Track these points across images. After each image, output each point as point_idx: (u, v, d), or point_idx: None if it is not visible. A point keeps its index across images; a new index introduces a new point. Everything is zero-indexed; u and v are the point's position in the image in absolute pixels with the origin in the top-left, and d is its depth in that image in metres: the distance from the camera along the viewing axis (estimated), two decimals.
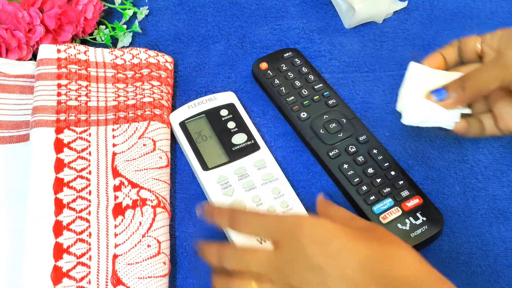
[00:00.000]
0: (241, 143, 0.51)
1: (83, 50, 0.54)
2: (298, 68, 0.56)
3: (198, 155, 0.50)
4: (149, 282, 0.43)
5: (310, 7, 0.64)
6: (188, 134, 0.51)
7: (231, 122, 0.52)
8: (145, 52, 0.56)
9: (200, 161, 0.50)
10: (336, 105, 0.54)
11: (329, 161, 0.50)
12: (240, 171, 0.49)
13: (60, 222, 0.45)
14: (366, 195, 0.48)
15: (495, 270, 0.46)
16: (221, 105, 0.53)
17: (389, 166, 0.49)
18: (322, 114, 0.53)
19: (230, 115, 0.52)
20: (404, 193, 0.48)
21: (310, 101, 0.54)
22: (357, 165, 0.49)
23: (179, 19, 0.63)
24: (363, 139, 0.51)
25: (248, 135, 0.51)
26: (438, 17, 0.63)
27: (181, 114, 0.52)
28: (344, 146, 0.51)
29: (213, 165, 0.49)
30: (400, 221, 0.47)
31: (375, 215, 0.47)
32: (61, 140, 0.49)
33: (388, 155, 0.50)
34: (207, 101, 0.53)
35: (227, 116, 0.52)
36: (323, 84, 0.55)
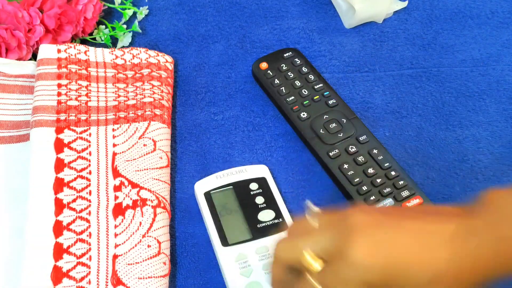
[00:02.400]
0: (268, 220, 0.47)
1: (83, 50, 0.54)
2: (298, 68, 0.56)
3: (219, 228, 0.47)
4: (149, 282, 0.42)
5: (310, 7, 0.64)
6: (212, 205, 0.48)
7: (259, 197, 0.48)
8: (146, 52, 0.56)
9: (220, 235, 0.46)
10: (336, 105, 0.54)
11: (329, 161, 0.50)
12: (262, 251, 0.45)
13: (60, 222, 0.45)
14: (366, 195, 0.48)
15: None
16: (251, 178, 0.49)
17: (390, 166, 0.49)
18: (322, 114, 0.53)
19: (260, 189, 0.49)
20: (405, 193, 0.48)
21: (310, 101, 0.54)
22: (357, 165, 0.49)
23: (179, 19, 0.63)
24: (363, 139, 0.51)
25: (276, 213, 0.48)
26: (438, 17, 0.63)
27: (207, 183, 0.49)
28: (344, 146, 0.51)
29: (233, 241, 0.46)
30: None
31: None
32: (61, 140, 0.49)
33: (389, 155, 0.50)
34: (237, 172, 0.50)
35: (257, 191, 0.49)
36: (323, 84, 0.55)
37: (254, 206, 0.48)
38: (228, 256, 0.45)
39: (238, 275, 0.44)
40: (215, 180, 0.49)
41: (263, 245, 0.46)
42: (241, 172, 0.50)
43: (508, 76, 0.58)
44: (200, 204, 0.49)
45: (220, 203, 0.48)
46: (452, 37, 0.61)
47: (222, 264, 0.45)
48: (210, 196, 0.48)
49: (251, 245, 0.46)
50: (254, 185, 0.49)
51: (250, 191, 0.49)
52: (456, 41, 0.61)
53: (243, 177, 0.49)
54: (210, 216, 0.47)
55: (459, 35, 0.61)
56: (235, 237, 0.46)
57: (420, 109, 0.56)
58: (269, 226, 0.47)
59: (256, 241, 0.46)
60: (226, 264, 0.45)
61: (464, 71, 0.58)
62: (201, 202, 0.48)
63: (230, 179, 0.49)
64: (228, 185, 0.49)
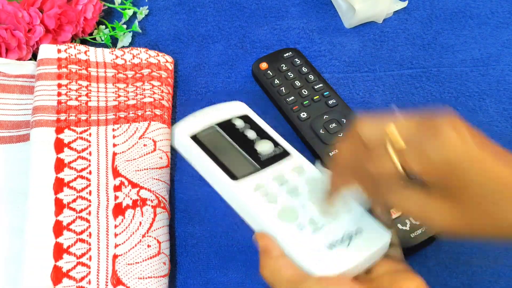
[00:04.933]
0: (268, 151, 0.43)
1: (84, 50, 0.54)
2: (298, 68, 0.56)
3: (221, 165, 0.41)
4: (149, 282, 0.42)
5: (310, 7, 0.64)
6: (204, 147, 0.42)
7: (250, 131, 0.44)
8: (146, 52, 0.56)
9: (226, 171, 0.40)
10: (336, 105, 0.54)
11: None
12: (279, 178, 0.41)
13: (60, 222, 0.45)
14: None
15: (495, 270, 0.46)
16: (234, 116, 0.45)
17: None
18: (322, 114, 0.53)
19: (248, 124, 0.44)
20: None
21: (310, 101, 0.54)
22: None
23: (179, 19, 0.63)
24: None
25: (274, 142, 0.43)
26: (439, 17, 0.63)
27: (188, 126, 0.43)
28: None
29: (243, 174, 0.40)
30: (400, 221, 0.46)
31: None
32: (61, 140, 0.49)
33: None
34: (215, 111, 0.45)
35: (244, 126, 0.44)
36: (323, 84, 0.55)
37: (248, 141, 0.43)
38: (244, 189, 0.39)
39: (265, 204, 0.39)
40: (196, 121, 0.44)
41: (278, 174, 0.41)
42: (219, 110, 0.45)
43: (508, 76, 0.58)
44: (186, 149, 0.42)
45: (211, 144, 0.42)
46: (452, 37, 0.61)
47: (241, 198, 0.39)
48: (198, 138, 0.42)
49: (265, 174, 0.41)
50: (239, 122, 0.44)
51: (237, 128, 0.44)
52: (456, 41, 0.61)
53: (225, 116, 0.45)
54: (206, 156, 0.41)
55: (459, 35, 0.61)
56: (243, 170, 0.41)
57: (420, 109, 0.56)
58: (273, 157, 0.42)
59: (268, 170, 0.41)
60: (246, 197, 0.39)
61: (464, 71, 0.58)
62: (189, 145, 0.42)
63: (212, 119, 0.44)
64: (212, 126, 0.43)
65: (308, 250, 0.36)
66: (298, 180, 0.41)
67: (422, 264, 0.46)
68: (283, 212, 0.38)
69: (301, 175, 0.41)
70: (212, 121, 0.44)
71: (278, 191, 0.40)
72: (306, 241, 0.37)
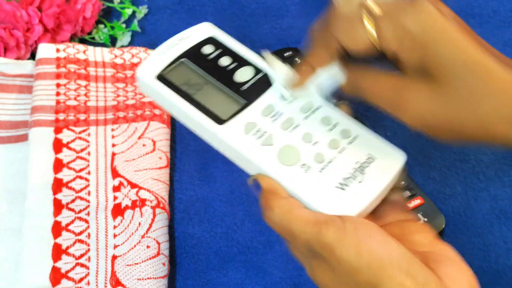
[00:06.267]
0: (250, 78, 0.37)
1: (83, 49, 0.54)
2: None
3: (201, 108, 0.35)
4: (149, 283, 0.42)
5: (310, 6, 0.64)
6: (175, 88, 0.36)
7: (224, 58, 0.38)
8: (145, 52, 0.56)
9: (209, 115, 0.35)
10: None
11: None
12: (269, 111, 0.35)
13: (59, 223, 0.45)
14: None
15: (496, 270, 0.46)
16: (199, 41, 0.39)
17: None
18: None
19: (219, 49, 0.38)
20: (406, 193, 0.48)
21: None
22: None
23: (178, 18, 0.63)
24: None
25: (254, 68, 0.38)
26: None
27: (152, 65, 0.37)
28: None
29: (229, 115, 0.35)
30: None
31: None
32: (60, 140, 0.48)
33: None
34: (179, 41, 0.39)
35: (214, 52, 0.38)
36: None
37: (224, 71, 0.37)
38: (234, 134, 0.35)
39: (260, 148, 0.34)
40: (160, 58, 0.38)
41: (266, 105, 0.36)
42: (183, 39, 0.39)
43: None
44: (155, 93, 0.37)
45: (183, 82, 0.37)
46: None
47: (232, 145, 0.35)
48: (165, 77, 0.37)
49: (253, 110, 0.36)
50: (209, 48, 0.38)
51: (206, 55, 0.38)
52: None
53: (190, 44, 0.38)
54: (180, 99, 0.36)
55: None
56: (227, 109, 0.36)
57: None
58: (257, 85, 0.37)
59: (255, 104, 0.36)
60: (238, 143, 0.34)
61: None
62: (158, 88, 0.36)
63: (176, 51, 0.38)
64: (178, 58, 0.38)
65: (319, 194, 0.32)
66: (291, 108, 0.36)
67: None
68: (283, 153, 0.34)
69: (293, 103, 0.36)
70: (178, 53, 0.38)
71: (273, 129, 0.35)
72: (315, 184, 0.33)
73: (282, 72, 0.37)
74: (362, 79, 0.33)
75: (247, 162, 0.35)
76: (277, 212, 0.31)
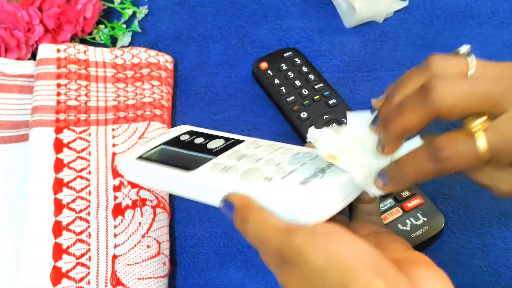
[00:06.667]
0: (220, 145, 0.39)
1: (83, 49, 0.54)
2: (298, 68, 0.56)
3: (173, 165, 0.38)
4: (149, 283, 0.42)
5: (310, 7, 0.64)
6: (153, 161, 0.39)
7: (199, 139, 0.41)
8: (145, 52, 0.56)
9: (178, 167, 0.37)
10: (337, 105, 0.54)
11: None
12: (235, 155, 0.37)
13: (59, 223, 0.45)
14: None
15: (496, 270, 0.46)
16: (179, 134, 0.42)
17: None
18: (322, 114, 0.53)
19: (195, 135, 0.42)
20: (405, 193, 0.48)
21: (310, 101, 0.54)
22: None
23: (178, 18, 0.63)
24: None
25: (225, 138, 0.40)
26: (439, 17, 0.63)
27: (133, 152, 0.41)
28: None
29: (196, 165, 0.37)
30: (401, 222, 0.46)
31: None
32: (60, 140, 0.48)
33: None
34: (158, 136, 0.43)
35: (191, 138, 0.41)
36: (323, 84, 0.55)
37: (198, 145, 0.40)
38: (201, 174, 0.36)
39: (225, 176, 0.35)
40: (141, 147, 0.41)
41: (233, 152, 0.37)
42: (163, 134, 0.43)
43: None
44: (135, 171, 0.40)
45: (160, 157, 0.40)
46: (452, 37, 0.61)
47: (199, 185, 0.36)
48: (145, 157, 0.40)
49: (220, 157, 0.37)
50: (185, 136, 0.42)
51: (184, 140, 0.41)
52: (457, 40, 0.60)
53: (170, 136, 0.42)
54: (156, 165, 0.38)
55: (460, 34, 0.61)
56: (196, 162, 0.37)
57: None
58: (227, 146, 0.39)
59: (223, 155, 0.38)
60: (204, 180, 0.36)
61: None
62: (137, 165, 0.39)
63: (157, 141, 0.41)
64: (158, 145, 0.41)
65: (282, 193, 0.32)
66: (256, 151, 0.37)
67: None
68: (246, 173, 0.34)
69: (258, 148, 0.38)
70: (158, 142, 0.42)
71: (237, 162, 0.36)
72: (279, 187, 0.33)
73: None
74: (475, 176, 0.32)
75: (214, 193, 0.35)
76: (252, 223, 0.31)
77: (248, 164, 0.35)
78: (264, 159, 0.36)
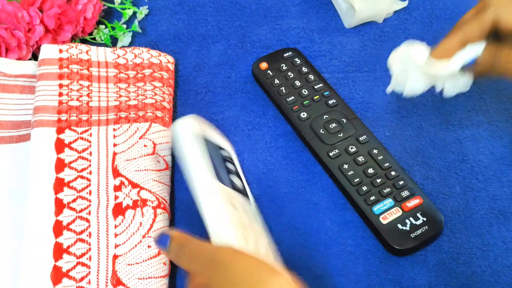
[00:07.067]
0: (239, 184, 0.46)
1: (85, 49, 0.54)
2: (298, 68, 0.56)
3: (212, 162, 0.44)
4: (149, 282, 0.42)
5: (310, 7, 0.64)
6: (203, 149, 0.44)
7: (229, 164, 0.47)
8: (148, 52, 0.56)
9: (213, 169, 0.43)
10: (336, 105, 0.54)
11: (329, 161, 0.50)
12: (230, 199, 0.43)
13: (60, 222, 0.45)
14: (366, 195, 0.48)
15: (495, 270, 0.46)
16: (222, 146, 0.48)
17: (390, 166, 0.49)
18: (322, 114, 0.53)
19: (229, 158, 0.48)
20: (405, 193, 0.48)
21: (310, 101, 0.54)
22: (357, 165, 0.49)
23: (179, 18, 0.63)
24: (363, 139, 0.51)
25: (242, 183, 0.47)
26: (439, 17, 0.63)
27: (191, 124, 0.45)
28: (344, 146, 0.51)
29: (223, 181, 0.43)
30: (401, 221, 0.46)
31: (375, 215, 0.47)
32: (62, 140, 0.49)
33: (389, 155, 0.50)
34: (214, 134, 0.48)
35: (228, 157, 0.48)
36: (323, 84, 0.55)
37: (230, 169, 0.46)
38: (220, 191, 0.42)
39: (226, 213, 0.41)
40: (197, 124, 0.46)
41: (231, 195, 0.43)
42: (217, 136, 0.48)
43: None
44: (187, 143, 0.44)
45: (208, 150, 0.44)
46: None
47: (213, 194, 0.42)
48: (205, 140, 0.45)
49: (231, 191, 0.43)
50: (224, 152, 0.47)
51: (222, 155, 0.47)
52: None
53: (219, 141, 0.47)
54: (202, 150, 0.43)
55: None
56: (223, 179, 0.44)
57: (420, 109, 0.56)
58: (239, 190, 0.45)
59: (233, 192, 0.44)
60: (218, 195, 0.42)
61: None
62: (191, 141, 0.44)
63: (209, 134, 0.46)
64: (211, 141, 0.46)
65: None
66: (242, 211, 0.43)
67: (422, 264, 0.46)
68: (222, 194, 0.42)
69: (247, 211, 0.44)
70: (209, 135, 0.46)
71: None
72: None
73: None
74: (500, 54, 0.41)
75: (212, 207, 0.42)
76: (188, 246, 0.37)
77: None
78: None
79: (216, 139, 0.48)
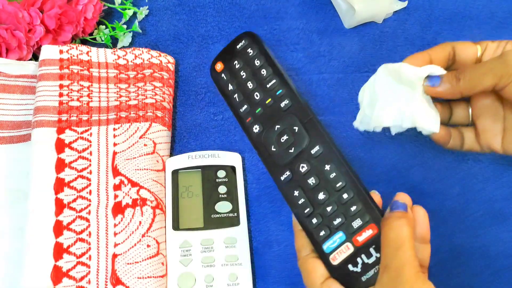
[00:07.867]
0: (223, 212, 0.48)
1: (86, 50, 0.54)
2: (252, 62, 0.46)
3: (175, 210, 0.47)
4: (149, 282, 0.43)
5: (309, 8, 0.64)
6: (176, 185, 0.49)
7: (223, 187, 0.49)
8: (148, 52, 0.56)
9: (173, 218, 0.47)
10: (290, 106, 0.43)
11: (282, 188, 0.42)
12: (207, 243, 0.46)
13: (60, 222, 0.45)
14: (316, 229, 0.40)
15: (494, 270, 0.46)
16: (221, 165, 0.50)
17: (342, 186, 0.40)
18: (274, 123, 0.44)
19: (226, 178, 0.49)
20: (356, 222, 0.39)
21: (262, 108, 0.44)
22: (308, 191, 0.41)
23: (179, 19, 0.63)
24: (316, 151, 0.41)
25: (233, 206, 0.48)
26: (438, 17, 0.63)
27: (178, 161, 0.50)
28: (295, 166, 0.42)
29: (184, 227, 0.47)
30: (352, 261, 0.39)
31: (326, 255, 0.39)
32: (62, 140, 0.49)
33: (343, 168, 0.41)
34: (209, 156, 0.50)
35: (222, 179, 0.49)
36: (276, 80, 0.44)
37: (215, 195, 0.48)
38: (175, 241, 0.46)
39: (177, 262, 0.45)
40: (186, 160, 0.50)
41: (209, 237, 0.46)
42: (213, 157, 0.50)
43: None
44: (166, 181, 0.49)
45: (184, 184, 0.49)
46: (451, 38, 0.61)
47: (168, 247, 0.46)
48: (177, 175, 0.49)
49: (199, 234, 0.46)
50: (221, 173, 0.49)
51: (216, 178, 0.49)
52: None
53: (214, 162, 0.50)
54: (170, 196, 0.48)
55: (459, 35, 0.61)
56: (187, 222, 0.47)
57: None
58: (223, 218, 0.47)
59: (205, 232, 0.47)
60: (171, 248, 0.46)
61: None
62: (167, 179, 0.49)
63: (200, 162, 0.50)
64: (197, 168, 0.50)
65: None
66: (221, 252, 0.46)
67: None
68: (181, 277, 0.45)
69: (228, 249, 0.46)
70: (200, 163, 0.50)
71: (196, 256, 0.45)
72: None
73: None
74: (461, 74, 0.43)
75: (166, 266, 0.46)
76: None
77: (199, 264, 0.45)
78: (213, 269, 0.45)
79: (215, 160, 0.51)
